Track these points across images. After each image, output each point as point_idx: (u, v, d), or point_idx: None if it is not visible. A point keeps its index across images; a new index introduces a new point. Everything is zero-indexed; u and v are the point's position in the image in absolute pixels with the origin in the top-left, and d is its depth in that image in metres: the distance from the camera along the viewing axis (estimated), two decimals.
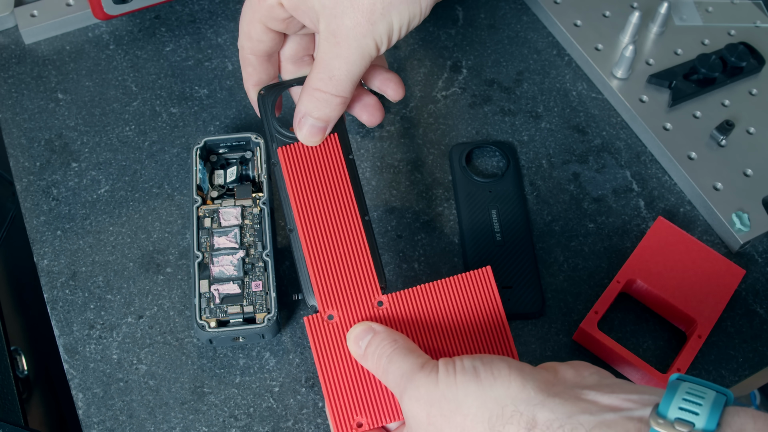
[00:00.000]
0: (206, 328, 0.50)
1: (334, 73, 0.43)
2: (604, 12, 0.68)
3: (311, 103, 0.44)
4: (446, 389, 0.37)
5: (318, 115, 0.44)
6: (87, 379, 0.51)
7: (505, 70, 0.67)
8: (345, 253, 0.44)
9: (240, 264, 0.52)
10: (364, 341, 0.41)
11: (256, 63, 0.47)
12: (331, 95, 0.43)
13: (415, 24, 0.43)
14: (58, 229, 0.57)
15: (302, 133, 0.45)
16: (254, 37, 0.46)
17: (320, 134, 0.45)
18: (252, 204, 0.55)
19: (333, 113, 0.45)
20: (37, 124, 0.62)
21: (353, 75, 0.43)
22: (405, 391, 0.38)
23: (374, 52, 0.43)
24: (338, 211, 0.45)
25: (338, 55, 0.42)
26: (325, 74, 0.43)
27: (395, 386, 0.39)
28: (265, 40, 0.46)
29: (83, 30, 0.67)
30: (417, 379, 0.38)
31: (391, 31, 0.42)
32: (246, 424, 0.50)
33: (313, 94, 0.44)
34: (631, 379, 0.52)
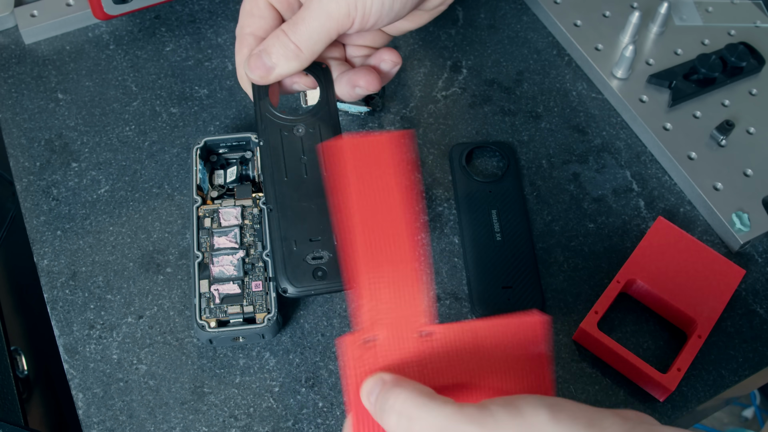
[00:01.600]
0: (206, 328, 0.50)
1: (298, 23, 0.44)
2: (604, 12, 0.68)
3: (270, 40, 0.44)
4: None
5: (271, 51, 0.44)
6: (87, 379, 0.51)
7: (505, 70, 0.67)
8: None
9: (240, 264, 0.52)
10: (373, 394, 0.35)
11: (253, 44, 0.47)
12: (289, 40, 0.44)
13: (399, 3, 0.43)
14: (58, 229, 0.57)
15: (250, 64, 0.45)
16: (256, 14, 0.46)
17: (264, 72, 0.45)
18: (252, 204, 0.55)
19: (284, 59, 0.44)
20: (37, 124, 0.62)
21: (313, 31, 0.43)
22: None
23: (344, 18, 0.43)
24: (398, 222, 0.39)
25: (308, 8, 0.43)
26: (293, 21, 0.44)
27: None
28: (267, 18, 0.46)
29: (83, 30, 0.67)
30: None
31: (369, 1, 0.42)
32: (246, 424, 0.50)
33: (276, 33, 0.44)
34: (631, 379, 0.52)
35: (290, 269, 0.42)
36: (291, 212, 0.44)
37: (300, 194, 0.44)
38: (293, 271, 0.42)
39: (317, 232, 0.43)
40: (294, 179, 0.44)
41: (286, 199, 0.44)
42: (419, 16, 0.49)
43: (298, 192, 0.44)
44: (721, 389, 0.52)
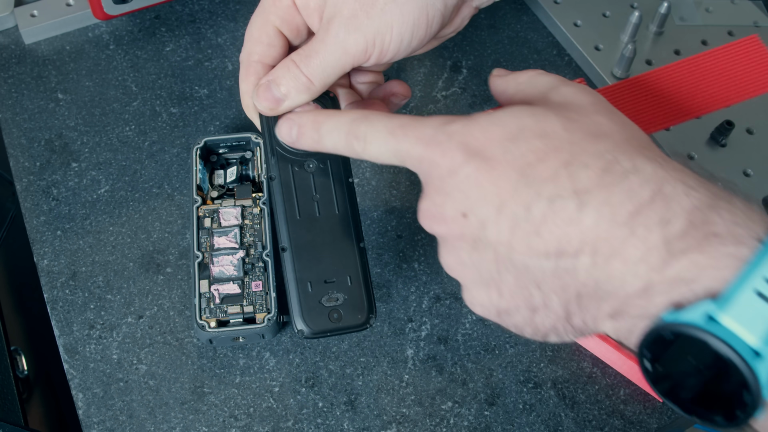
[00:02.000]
0: (206, 328, 0.50)
1: (311, 55, 0.42)
2: (604, 12, 0.68)
3: (280, 71, 0.43)
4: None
5: (281, 82, 0.43)
6: (87, 379, 0.51)
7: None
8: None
9: (240, 264, 0.52)
10: (316, 121, 0.40)
11: (262, 72, 0.45)
12: (300, 72, 0.42)
13: (419, 36, 0.42)
14: (58, 229, 0.57)
15: (258, 96, 0.44)
16: (264, 41, 0.44)
17: (273, 104, 0.43)
18: (252, 204, 0.55)
19: (294, 92, 0.43)
20: (37, 124, 0.62)
21: (327, 65, 0.42)
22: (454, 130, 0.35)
23: (360, 52, 0.41)
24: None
25: (323, 41, 0.42)
26: (305, 52, 0.42)
27: (420, 143, 0.36)
28: (276, 45, 0.44)
29: (83, 30, 0.67)
30: (457, 120, 0.35)
31: (389, 34, 0.41)
32: (246, 424, 0.50)
33: (287, 64, 0.43)
34: (631, 379, 0.52)
35: (306, 311, 0.43)
36: (306, 253, 0.44)
37: (313, 234, 0.44)
38: (309, 313, 0.43)
39: (332, 274, 0.43)
40: (307, 218, 0.44)
41: (300, 239, 0.44)
42: (429, 43, 0.48)
43: (312, 232, 0.44)
44: None
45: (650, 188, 0.31)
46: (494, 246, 0.34)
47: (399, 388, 0.52)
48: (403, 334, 0.53)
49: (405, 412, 0.51)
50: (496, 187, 0.33)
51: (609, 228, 0.31)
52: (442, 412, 0.51)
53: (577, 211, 0.31)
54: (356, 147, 0.38)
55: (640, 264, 0.30)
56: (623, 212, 0.31)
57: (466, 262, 0.36)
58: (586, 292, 0.32)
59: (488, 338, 0.53)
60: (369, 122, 0.38)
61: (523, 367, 0.52)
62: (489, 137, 0.34)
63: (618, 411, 0.51)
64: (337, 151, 0.40)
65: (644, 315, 0.31)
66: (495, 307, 0.36)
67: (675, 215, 0.30)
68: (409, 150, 0.37)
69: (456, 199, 0.34)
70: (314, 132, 0.40)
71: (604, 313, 0.32)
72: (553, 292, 0.33)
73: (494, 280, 0.35)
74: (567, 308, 0.33)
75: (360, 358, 0.53)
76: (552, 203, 0.32)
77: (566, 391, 0.52)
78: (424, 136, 0.36)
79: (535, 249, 0.32)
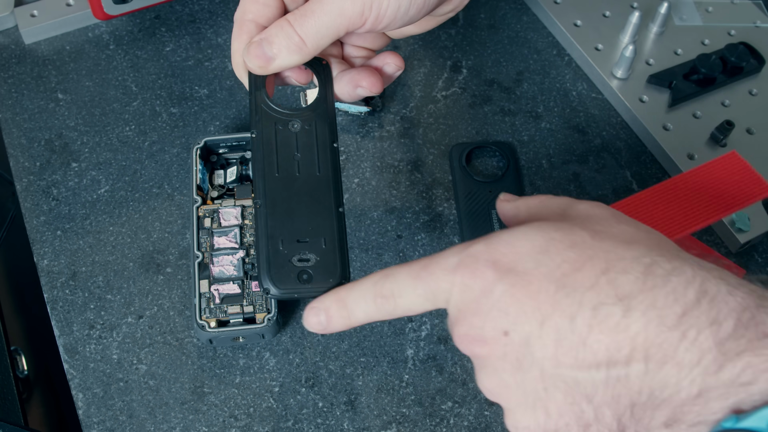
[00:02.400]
0: (206, 328, 0.50)
1: (307, 15, 0.42)
2: (604, 12, 0.68)
3: (274, 29, 0.42)
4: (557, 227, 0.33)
5: (273, 41, 0.42)
6: (87, 379, 0.51)
7: (505, 70, 0.67)
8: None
9: (240, 264, 0.52)
10: (339, 299, 0.38)
11: (254, 32, 0.45)
12: (294, 32, 0.42)
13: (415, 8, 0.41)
14: (58, 229, 0.57)
15: (249, 52, 0.43)
16: (261, 1, 0.44)
17: (263, 62, 0.43)
18: (252, 204, 0.55)
19: (285, 51, 0.42)
20: (37, 124, 0.62)
21: (321, 26, 0.41)
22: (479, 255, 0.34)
23: (356, 16, 0.41)
24: None
25: (321, 1, 0.41)
26: (301, 12, 0.42)
27: (449, 272, 0.34)
28: (272, 6, 0.44)
29: (83, 30, 0.67)
30: (483, 242, 0.34)
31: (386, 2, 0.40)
32: (246, 424, 0.50)
33: (282, 23, 0.42)
34: None
35: (274, 270, 0.41)
36: (280, 210, 0.42)
37: (290, 192, 0.43)
38: (278, 271, 0.41)
39: (305, 234, 0.42)
40: (285, 176, 0.43)
41: (276, 195, 0.43)
42: (427, 21, 0.48)
43: (289, 190, 0.43)
44: None
45: (694, 289, 0.30)
46: (540, 362, 0.32)
47: (399, 388, 0.51)
48: (403, 334, 0.53)
49: (405, 412, 0.51)
50: (535, 301, 0.32)
51: (658, 332, 0.30)
52: (442, 412, 0.51)
53: (624, 317, 0.30)
54: (387, 307, 0.37)
55: (695, 368, 0.29)
56: (671, 315, 0.30)
57: (509, 384, 0.34)
58: (639, 401, 0.31)
59: None
60: (392, 278, 0.37)
61: None
62: (517, 252, 0.33)
63: None
64: (372, 319, 0.39)
65: (701, 422, 0.30)
66: (542, 429, 0.34)
67: (724, 316, 0.29)
68: (438, 283, 0.35)
69: (495, 318, 0.33)
70: (342, 310, 0.39)
71: (658, 422, 0.31)
72: (605, 405, 0.32)
73: (541, 400, 0.33)
74: (620, 421, 0.32)
75: (360, 358, 0.53)
76: (596, 311, 0.31)
77: None
78: (449, 266, 0.35)
79: (584, 360, 0.31)
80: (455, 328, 0.35)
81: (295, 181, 0.43)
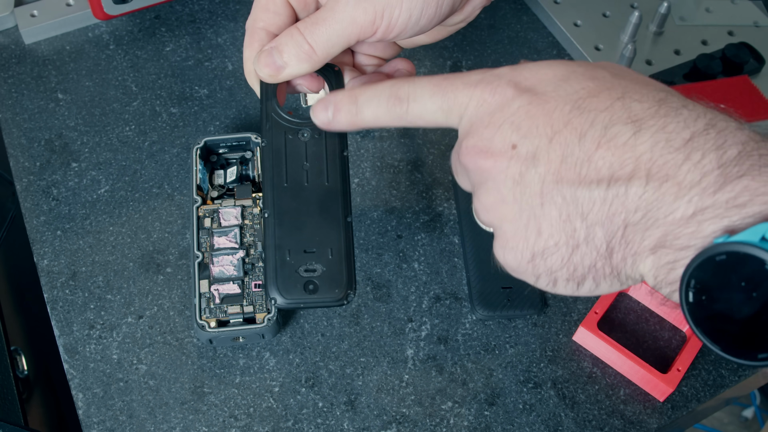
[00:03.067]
0: (206, 328, 0.50)
1: (318, 23, 0.42)
2: (604, 12, 0.68)
3: (284, 38, 0.42)
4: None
5: (283, 50, 0.42)
6: (87, 379, 0.51)
7: None
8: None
9: (240, 264, 0.52)
10: (354, 94, 0.39)
11: (265, 40, 0.45)
12: (304, 40, 0.42)
13: (428, 15, 0.41)
14: (58, 229, 0.57)
15: (260, 60, 0.43)
16: (271, 9, 0.44)
17: (273, 70, 0.43)
18: (252, 204, 0.55)
19: (295, 60, 0.42)
20: (37, 124, 0.62)
21: (332, 34, 0.41)
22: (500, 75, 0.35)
23: (368, 24, 0.41)
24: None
25: (332, 9, 0.41)
26: (312, 20, 0.42)
27: (465, 86, 0.36)
28: (282, 14, 0.44)
29: (83, 30, 0.67)
30: (498, 71, 0.35)
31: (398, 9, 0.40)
32: (246, 424, 0.50)
33: (291, 30, 0.42)
34: (631, 379, 0.52)
35: (281, 279, 0.41)
36: (288, 220, 0.43)
37: (299, 202, 0.43)
38: (284, 282, 0.42)
39: (313, 244, 0.42)
40: (294, 186, 0.43)
41: (284, 205, 0.43)
42: (438, 31, 0.48)
43: (297, 200, 0.43)
44: (721, 389, 0.52)
45: (704, 121, 0.31)
46: (542, 176, 0.33)
47: (399, 388, 0.51)
48: (403, 334, 0.53)
49: (405, 412, 0.51)
50: (549, 118, 0.33)
51: (664, 153, 0.31)
52: (442, 412, 0.51)
53: (633, 136, 0.31)
54: (398, 110, 0.38)
55: (694, 188, 0.30)
56: (679, 139, 0.31)
57: (507, 199, 0.35)
58: (633, 220, 0.32)
59: (488, 338, 0.53)
60: (411, 82, 0.38)
61: (523, 367, 0.52)
62: (539, 77, 0.34)
63: (618, 411, 0.51)
64: (378, 121, 0.39)
65: (691, 245, 0.30)
66: (531, 250, 0.35)
67: (729, 144, 0.30)
68: (456, 96, 0.36)
69: (506, 131, 0.34)
70: (351, 105, 0.39)
71: (646, 246, 0.32)
72: (598, 223, 0.32)
73: (535, 217, 0.34)
74: (610, 242, 0.33)
75: (360, 358, 0.53)
76: (607, 130, 0.32)
77: (566, 391, 0.52)
78: (471, 80, 0.36)
79: (586, 177, 0.32)
80: (464, 142, 0.36)
81: (303, 190, 0.43)
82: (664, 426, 0.51)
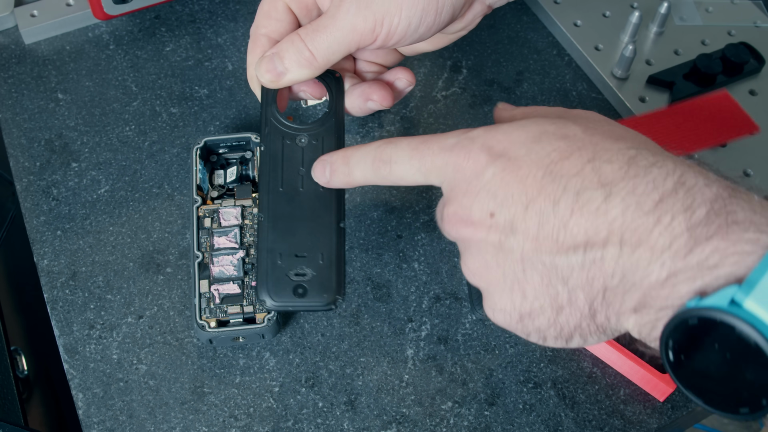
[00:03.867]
0: (206, 328, 0.50)
1: (319, 30, 0.42)
2: (604, 12, 0.68)
3: (285, 44, 0.43)
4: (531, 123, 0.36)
5: (284, 56, 0.43)
6: (87, 379, 0.51)
7: (505, 70, 0.67)
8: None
9: (240, 264, 0.52)
10: (342, 158, 0.41)
11: (267, 46, 0.46)
12: (305, 46, 0.42)
13: (427, 24, 0.42)
14: (58, 229, 0.57)
15: (260, 66, 0.44)
16: (273, 16, 0.45)
17: (274, 76, 0.44)
18: (252, 204, 0.55)
19: (296, 65, 0.43)
20: (37, 124, 0.62)
21: (333, 41, 0.42)
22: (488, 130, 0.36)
23: (368, 31, 0.41)
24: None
25: (333, 16, 0.42)
26: (313, 27, 0.42)
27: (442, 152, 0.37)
28: (284, 21, 0.45)
29: (83, 30, 0.67)
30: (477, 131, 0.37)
31: (398, 17, 0.41)
32: (246, 424, 0.50)
33: (292, 37, 0.43)
34: (631, 379, 0.52)
35: (271, 282, 0.42)
36: (281, 224, 0.43)
37: (293, 207, 0.44)
38: (274, 284, 0.42)
39: (304, 249, 0.43)
40: (289, 190, 0.44)
41: (278, 210, 0.43)
42: (439, 38, 0.48)
43: (291, 204, 0.44)
44: None
45: (673, 180, 0.32)
46: (521, 244, 0.34)
47: (399, 388, 0.52)
48: (403, 334, 0.53)
49: (405, 412, 0.51)
50: (522, 185, 0.34)
51: (635, 217, 0.31)
52: (442, 412, 0.51)
53: (604, 201, 0.32)
54: (383, 171, 0.39)
55: (666, 252, 0.31)
56: (648, 202, 0.31)
57: (490, 264, 0.36)
58: (612, 284, 0.32)
59: (488, 338, 0.53)
60: (393, 145, 0.39)
61: (523, 367, 0.52)
62: (512, 140, 0.35)
63: (618, 411, 0.51)
64: (368, 180, 0.41)
65: (668, 306, 0.31)
66: (518, 312, 0.36)
67: (697, 204, 0.31)
68: (434, 160, 0.37)
69: (483, 200, 0.35)
70: (344, 166, 0.41)
71: (628, 307, 0.32)
72: (579, 287, 0.33)
73: (519, 281, 0.35)
74: (592, 304, 0.33)
75: (360, 358, 0.53)
76: (579, 196, 0.32)
77: (566, 391, 0.52)
78: (447, 144, 0.37)
79: (563, 243, 0.33)
80: (446, 208, 0.37)
81: (297, 195, 0.44)
82: (664, 426, 0.51)
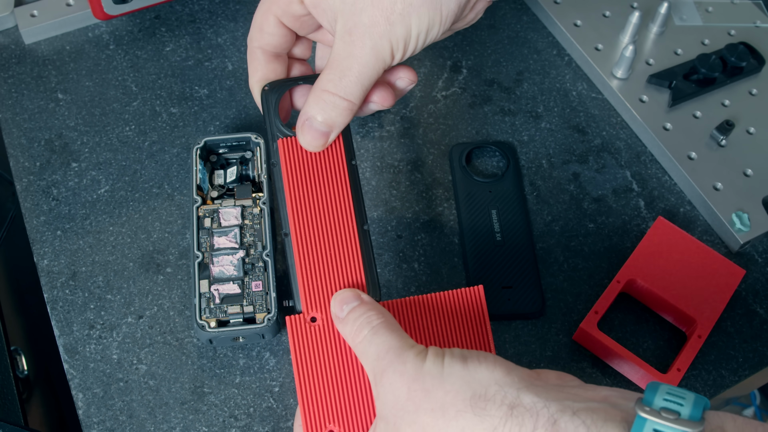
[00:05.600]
0: (206, 328, 0.50)
1: (345, 74, 0.41)
2: (604, 12, 0.68)
3: (317, 105, 0.42)
4: (432, 367, 0.36)
5: (323, 118, 0.42)
6: (87, 379, 0.51)
7: (505, 70, 0.67)
8: (336, 260, 0.42)
9: (240, 264, 0.52)
10: (349, 305, 0.40)
11: (262, 59, 0.45)
12: (340, 98, 0.42)
13: (434, 34, 0.42)
14: (58, 229, 0.57)
15: (304, 137, 0.43)
16: (266, 30, 0.44)
17: (322, 140, 0.43)
18: (252, 204, 0.55)
19: (339, 118, 0.43)
20: (37, 124, 0.62)
21: (364, 78, 0.41)
22: (390, 365, 0.37)
23: (388, 57, 0.41)
24: (335, 216, 0.43)
25: (351, 54, 0.41)
26: (335, 74, 0.41)
27: (377, 360, 0.38)
28: (276, 35, 0.44)
29: (83, 30, 0.67)
30: (405, 356, 0.37)
31: (409, 36, 0.41)
32: (246, 424, 0.50)
33: (321, 95, 0.42)
34: (631, 379, 0.52)
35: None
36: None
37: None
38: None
39: None
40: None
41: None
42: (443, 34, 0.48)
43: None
44: (721, 389, 0.52)
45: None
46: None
47: None
48: None
49: None
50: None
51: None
52: None
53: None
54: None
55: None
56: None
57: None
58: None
59: None
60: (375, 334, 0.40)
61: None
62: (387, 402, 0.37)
63: None
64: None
65: None
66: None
67: None
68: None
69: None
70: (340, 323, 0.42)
71: None
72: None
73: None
74: None
75: None
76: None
77: None
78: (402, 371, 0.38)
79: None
80: None
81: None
82: None
